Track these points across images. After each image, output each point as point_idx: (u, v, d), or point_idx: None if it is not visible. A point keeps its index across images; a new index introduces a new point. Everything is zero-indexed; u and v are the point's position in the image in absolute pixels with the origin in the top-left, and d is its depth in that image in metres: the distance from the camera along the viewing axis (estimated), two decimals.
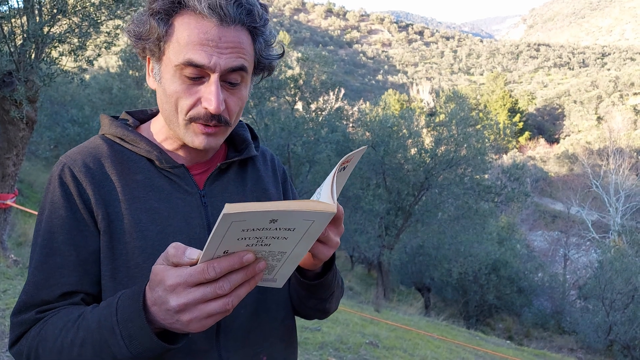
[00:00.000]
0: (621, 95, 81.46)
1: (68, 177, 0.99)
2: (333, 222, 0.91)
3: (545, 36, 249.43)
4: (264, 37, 1.01)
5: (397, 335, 8.04)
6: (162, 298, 0.76)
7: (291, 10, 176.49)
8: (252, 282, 0.78)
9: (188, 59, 0.93)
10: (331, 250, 0.93)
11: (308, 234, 0.77)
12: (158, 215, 1.00)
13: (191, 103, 0.97)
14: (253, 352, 1.04)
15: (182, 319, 0.76)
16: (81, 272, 0.96)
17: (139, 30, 0.98)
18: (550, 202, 44.39)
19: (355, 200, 16.08)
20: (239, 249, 0.75)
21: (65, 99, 17.62)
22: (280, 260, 0.82)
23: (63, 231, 0.97)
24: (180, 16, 0.95)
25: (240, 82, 0.99)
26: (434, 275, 18.18)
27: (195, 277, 0.74)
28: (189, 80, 0.95)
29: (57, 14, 5.74)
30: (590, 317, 16.37)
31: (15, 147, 6.20)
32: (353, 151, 0.89)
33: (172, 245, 0.78)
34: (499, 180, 16.85)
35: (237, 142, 1.18)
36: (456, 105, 15.98)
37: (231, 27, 0.94)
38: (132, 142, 1.05)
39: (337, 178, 0.88)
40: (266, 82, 16.47)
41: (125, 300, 0.81)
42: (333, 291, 1.11)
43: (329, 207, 0.73)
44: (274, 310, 1.09)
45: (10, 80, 5.70)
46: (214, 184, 1.09)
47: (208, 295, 0.74)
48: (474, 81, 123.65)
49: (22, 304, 0.95)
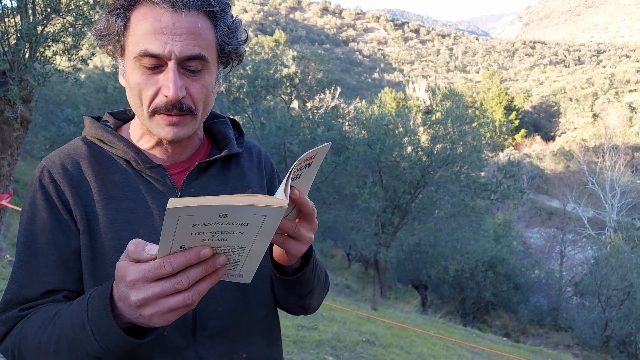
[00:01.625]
0: (617, 92, 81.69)
1: (47, 180, 1.01)
2: (304, 218, 0.91)
3: (541, 34, 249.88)
4: (224, 22, 1.00)
5: (394, 333, 8.06)
6: (124, 294, 0.77)
7: (287, 8, 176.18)
8: (214, 277, 0.78)
9: (143, 49, 0.94)
10: (304, 246, 0.92)
11: (263, 230, 0.77)
12: (133, 215, 1.02)
13: (152, 93, 0.97)
14: (232, 350, 1.04)
15: (144, 314, 0.76)
16: (63, 270, 0.98)
17: (100, 28, 0.99)
18: (546, 199, 44.50)
19: (351, 199, 16.09)
20: (195, 244, 0.75)
21: (60, 99, 17.59)
22: (241, 255, 0.82)
23: (44, 232, 0.99)
24: (137, 9, 0.96)
25: (202, 69, 0.99)
26: (431, 273, 18.21)
27: (152, 272, 0.74)
28: (148, 71, 0.96)
29: (50, 13, 5.71)
30: (586, 313, 16.45)
31: (10, 147, 6.17)
32: (315, 147, 0.88)
33: (132, 241, 0.78)
34: (495, 178, 16.86)
35: (219, 140, 1.18)
36: (452, 103, 16.00)
37: (184, 13, 0.94)
38: (110, 144, 1.06)
39: (303, 175, 0.88)
40: (262, 81, 16.47)
41: (95, 297, 0.83)
42: (312, 288, 1.11)
43: (279, 202, 0.73)
44: (254, 307, 1.09)
45: (4, 80, 5.67)
46: (192, 183, 1.09)
47: (167, 290, 0.74)
48: (470, 79, 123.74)
49: (5, 302, 0.98)
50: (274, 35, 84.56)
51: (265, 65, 16.75)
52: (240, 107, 16.83)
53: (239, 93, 16.52)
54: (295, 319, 6.66)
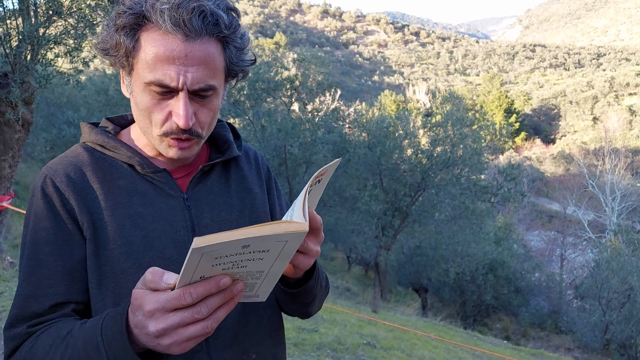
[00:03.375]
0: (617, 95, 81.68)
1: (50, 188, 1.00)
2: (312, 232, 0.91)
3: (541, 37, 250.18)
4: (234, 44, 0.99)
5: (395, 335, 8.05)
6: (141, 322, 0.77)
7: (287, 11, 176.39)
8: (230, 304, 0.79)
9: (156, 79, 0.93)
10: (311, 259, 0.93)
11: (283, 253, 0.77)
12: (142, 220, 1.01)
13: (163, 118, 0.97)
14: (242, 351, 1.05)
15: (162, 343, 0.76)
16: (69, 281, 0.97)
17: (106, 46, 0.98)
18: (546, 202, 44.48)
19: (352, 201, 16.08)
20: (215, 273, 0.75)
21: (61, 101, 17.58)
22: (259, 278, 0.82)
23: (48, 242, 0.98)
24: (146, 31, 0.94)
25: (211, 95, 0.99)
26: (431, 276, 18.19)
27: (172, 302, 0.74)
28: (158, 96, 0.96)
29: (52, 15, 5.73)
30: (587, 316, 16.42)
31: (11, 149, 6.18)
32: (326, 165, 0.89)
33: (149, 270, 0.78)
34: (496, 181, 16.83)
35: (219, 143, 1.18)
36: (452, 106, 15.99)
37: (197, 41, 0.92)
38: (113, 149, 1.06)
39: (312, 192, 0.88)
40: (262, 84, 16.47)
41: (110, 321, 0.82)
42: (315, 295, 1.12)
43: (300, 226, 0.73)
44: (261, 309, 1.10)
45: (5, 81, 5.68)
46: (197, 187, 1.09)
47: (186, 320, 0.75)
48: (470, 82, 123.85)
49: (13, 317, 0.96)
50: (275, 37, 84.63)
51: (266, 68, 16.75)
52: (240, 110, 16.83)
53: (239, 95, 16.52)
54: (296, 321, 6.66)
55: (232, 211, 1.11)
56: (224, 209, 1.10)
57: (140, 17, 0.93)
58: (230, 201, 1.12)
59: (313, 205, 0.91)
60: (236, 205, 1.12)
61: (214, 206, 1.09)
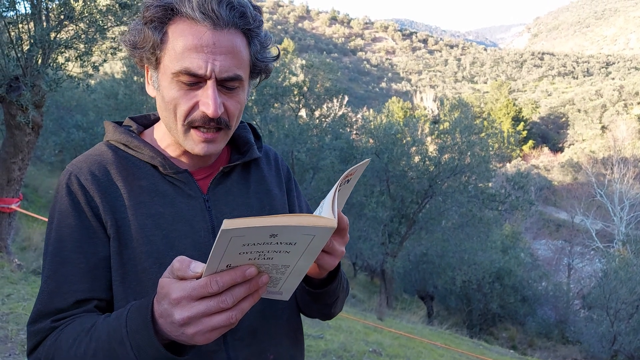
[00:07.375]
0: (625, 104, 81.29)
1: (75, 186, 1.01)
2: (338, 232, 0.91)
3: (550, 45, 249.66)
4: (259, 39, 1.01)
5: (401, 343, 8.01)
6: (167, 311, 0.77)
7: (296, 17, 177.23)
8: (255, 296, 0.79)
9: (184, 67, 0.94)
10: (336, 260, 0.94)
11: (310, 248, 0.77)
12: (163, 220, 1.02)
13: (188, 108, 0.98)
14: (260, 351, 1.06)
15: (187, 332, 0.76)
16: (92, 279, 0.98)
17: (134, 39, 0.99)
18: (554, 211, 44.25)
19: (358, 208, 16.05)
20: (241, 263, 0.75)
21: (70, 104, 17.70)
22: (284, 273, 0.82)
23: (72, 239, 0.98)
24: (174, 23, 0.95)
25: (238, 87, 1.00)
26: (438, 284, 18.12)
27: (198, 290, 0.74)
28: (186, 86, 0.96)
29: (64, 19, 5.78)
30: (594, 326, 16.27)
31: (21, 152, 6.22)
32: (357, 164, 0.89)
33: (177, 259, 0.78)
34: (503, 189, 16.78)
35: (240, 144, 1.19)
36: (460, 113, 15.99)
37: (224, 31, 0.94)
38: (136, 149, 1.06)
39: (341, 191, 0.88)
40: (270, 89, 16.54)
41: (134, 312, 0.83)
42: (338, 296, 1.12)
43: (329, 222, 0.73)
44: (279, 309, 1.11)
45: (17, 85, 5.73)
46: (217, 188, 1.10)
47: (212, 309, 0.75)
48: (478, 89, 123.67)
49: (37, 313, 0.97)
50: (283, 43, 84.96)
51: (274, 74, 16.82)
52: (248, 115, 16.90)
53: (247, 100, 16.62)
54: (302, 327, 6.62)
55: (250, 212, 1.12)
56: (242, 210, 1.11)
57: (167, 10, 0.94)
58: (249, 202, 1.13)
59: (341, 205, 0.91)
60: (255, 206, 1.13)
61: (233, 207, 1.10)
